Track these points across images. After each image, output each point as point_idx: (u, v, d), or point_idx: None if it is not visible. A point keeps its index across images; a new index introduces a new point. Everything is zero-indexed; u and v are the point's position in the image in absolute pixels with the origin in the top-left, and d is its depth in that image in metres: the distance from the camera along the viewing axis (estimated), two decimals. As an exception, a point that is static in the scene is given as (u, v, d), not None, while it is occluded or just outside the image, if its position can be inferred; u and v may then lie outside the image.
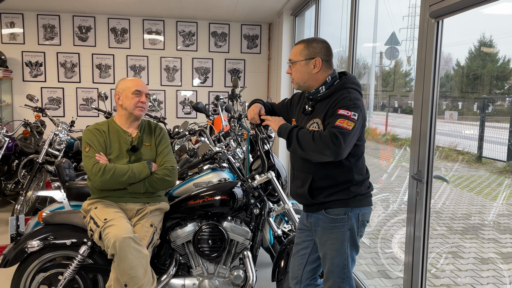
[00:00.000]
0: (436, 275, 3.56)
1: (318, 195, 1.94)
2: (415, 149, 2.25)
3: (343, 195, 1.91)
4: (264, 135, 2.36)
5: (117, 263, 2.13)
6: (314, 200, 1.95)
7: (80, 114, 6.35)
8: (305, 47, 1.94)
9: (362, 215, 1.95)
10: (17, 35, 6.07)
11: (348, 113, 1.79)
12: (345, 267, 1.94)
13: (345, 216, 1.91)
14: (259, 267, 3.42)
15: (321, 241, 1.98)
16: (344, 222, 1.92)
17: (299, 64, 1.95)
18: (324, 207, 1.94)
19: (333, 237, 1.93)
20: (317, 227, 1.99)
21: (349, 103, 1.82)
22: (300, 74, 1.96)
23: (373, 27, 4.52)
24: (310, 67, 1.93)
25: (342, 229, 1.92)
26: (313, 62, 1.92)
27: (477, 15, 2.93)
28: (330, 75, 1.94)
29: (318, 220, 1.97)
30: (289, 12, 5.52)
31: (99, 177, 2.28)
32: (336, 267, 1.95)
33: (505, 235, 4.22)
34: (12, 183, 4.78)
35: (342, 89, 1.90)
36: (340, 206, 1.92)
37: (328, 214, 1.93)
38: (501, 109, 4.62)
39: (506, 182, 4.88)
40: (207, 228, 2.48)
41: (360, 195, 1.94)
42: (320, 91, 1.94)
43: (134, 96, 2.44)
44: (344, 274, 1.95)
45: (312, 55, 1.92)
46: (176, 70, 6.51)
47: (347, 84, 1.91)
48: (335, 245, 1.93)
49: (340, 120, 1.78)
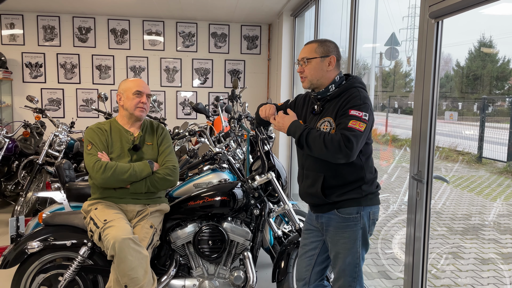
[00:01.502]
0: (436, 275, 3.56)
1: (331, 194, 1.94)
2: (415, 150, 2.25)
3: (355, 194, 1.92)
4: (264, 135, 2.36)
5: (117, 264, 2.13)
6: (327, 199, 1.95)
7: (80, 115, 6.35)
8: (319, 45, 1.97)
9: (373, 213, 1.97)
10: (17, 36, 6.07)
11: (360, 114, 1.81)
12: (357, 266, 1.96)
13: (357, 215, 1.93)
14: (259, 268, 3.41)
15: (333, 241, 1.99)
16: (356, 221, 1.93)
17: (314, 61, 1.96)
18: (336, 207, 1.95)
19: (346, 236, 1.94)
20: (328, 226, 1.99)
21: (360, 103, 1.83)
22: (315, 71, 1.97)
23: (373, 28, 4.53)
24: (325, 64, 1.95)
25: (354, 228, 1.93)
26: (328, 59, 1.95)
27: (476, 16, 2.93)
28: (338, 75, 1.98)
29: (330, 220, 1.98)
30: (289, 13, 5.53)
31: (100, 174, 2.28)
32: (348, 266, 1.96)
33: (505, 236, 4.22)
34: (12, 184, 4.78)
35: (351, 88, 1.92)
36: (352, 205, 1.93)
37: (340, 214, 1.94)
38: (501, 110, 4.62)
39: (506, 182, 4.88)
40: (207, 229, 2.48)
41: (371, 193, 1.95)
42: (330, 89, 1.97)
43: (135, 96, 2.44)
44: (356, 273, 1.97)
45: (327, 53, 1.95)
46: (176, 71, 6.51)
47: (355, 83, 1.94)
48: (348, 244, 1.94)
49: (352, 122, 1.79)
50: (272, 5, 5.34)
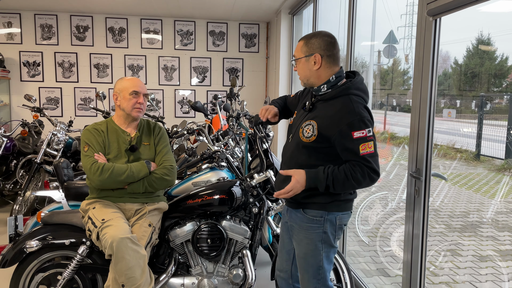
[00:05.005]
0: (435, 272, 3.57)
1: (298, 194, 1.87)
2: (413, 147, 2.25)
3: (322, 198, 1.87)
4: (262, 134, 2.35)
5: (114, 263, 2.13)
6: (292, 198, 1.91)
7: (78, 114, 6.34)
8: (304, 43, 1.89)
9: (340, 219, 1.92)
10: (14, 35, 6.05)
11: (363, 133, 1.74)
12: (320, 268, 1.92)
13: (321, 218, 1.89)
14: (258, 266, 3.42)
15: (297, 239, 1.97)
16: (319, 224, 1.89)
17: (300, 61, 1.91)
18: (302, 207, 1.93)
19: (308, 237, 1.91)
20: (293, 224, 1.98)
21: (356, 119, 1.74)
22: (302, 71, 1.91)
23: (371, 26, 4.53)
24: (310, 63, 1.87)
25: (317, 230, 1.90)
26: (313, 58, 1.85)
27: (474, 13, 2.93)
28: (334, 74, 1.86)
29: (296, 218, 1.96)
30: (287, 11, 5.52)
31: (98, 176, 2.27)
32: (311, 267, 1.93)
33: (503, 233, 4.23)
34: (10, 183, 4.77)
35: (343, 95, 1.82)
36: (317, 208, 1.89)
37: (306, 214, 1.92)
38: (499, 107, 4.62)
39: (504, 179, 4.89)
40: (206, 227, 2.48)
41: (339, 200, 1.89)
42: (321, 89, 1.88)
43: (132, 97, 2.42)
44: (319, 275, 1.93)
45: (311, 51, 1.86)
46: (174, 69, 6.50)
47: (350, 89, 1.82)
48: (310, 245, 1.91)
49: (362, 147, 1.74)
50: (270, 3, 5.33)
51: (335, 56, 1.88)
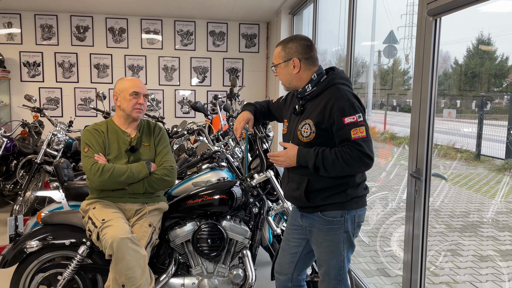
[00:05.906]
0: (435, 273, 3.57)
1: (315, 198, 1.90)
2: (414, 147, 2.25)
3: (340, 198, 1.88)
4: (262, 134, 2.36)
5: (115, 263, 2.13)
6: (310, 203, 1.91)
7: (78, 114, 6.34)
8: (282, 48, 1.92)
9: (358, 216, 1.93)
10: (14, 35, 6.05)
11: (354, 118, 1.77)
12: (341, 268, 1.93)
13: (341, 218, 1.89)
14: (258, 266, 3.42)
15: (316, 243, 1.96)
16: (340, 225, 1.89)
17: (279, 67, 1.94)
18: (320, 209, 1.91)
19: (329, 239, 1.91)
20: (312, 228, 1.96)
21: (346, 104, 1.78)
22: (283, 76, 1.95)
23: (371, 26, 4.53)
24: (290, 68, 1.91)
25: (338, 231, 1.90)
26: (292, 63, 1.89)
27: (475, 13, 2.93)
28: (315, 72, 1.91)
29: (314, 221, 1.94)
30: (287, 11, 5.52)
31: (98, 177, 2.27)
32: (333, 269, 1.93)
33: (504, 233, 4.23)
34: (10, 184, 4.77)
35: (330, 86, 1.86)
36: (336, 209, 1.89)
37: (324, 216, 1.90)
38: (500, 107, 4.62)
39: (505, 179, 4.89)
40: (206, 227, 2.48)
41: (356, 197, 1.90)
42: (307, 89, 1.92)
43: (132, 98, 2.42)
44: (340, 275, 1.94)
45: (289, 56, 1.90)
46: (174, 69, 6.50)
47: (335, 79, 1.88)
48: (331, 247, 1.91)
49: (353, 131, 1.76)
50: (270, 3, 5.33)
51: (313, 58, 1.93)
